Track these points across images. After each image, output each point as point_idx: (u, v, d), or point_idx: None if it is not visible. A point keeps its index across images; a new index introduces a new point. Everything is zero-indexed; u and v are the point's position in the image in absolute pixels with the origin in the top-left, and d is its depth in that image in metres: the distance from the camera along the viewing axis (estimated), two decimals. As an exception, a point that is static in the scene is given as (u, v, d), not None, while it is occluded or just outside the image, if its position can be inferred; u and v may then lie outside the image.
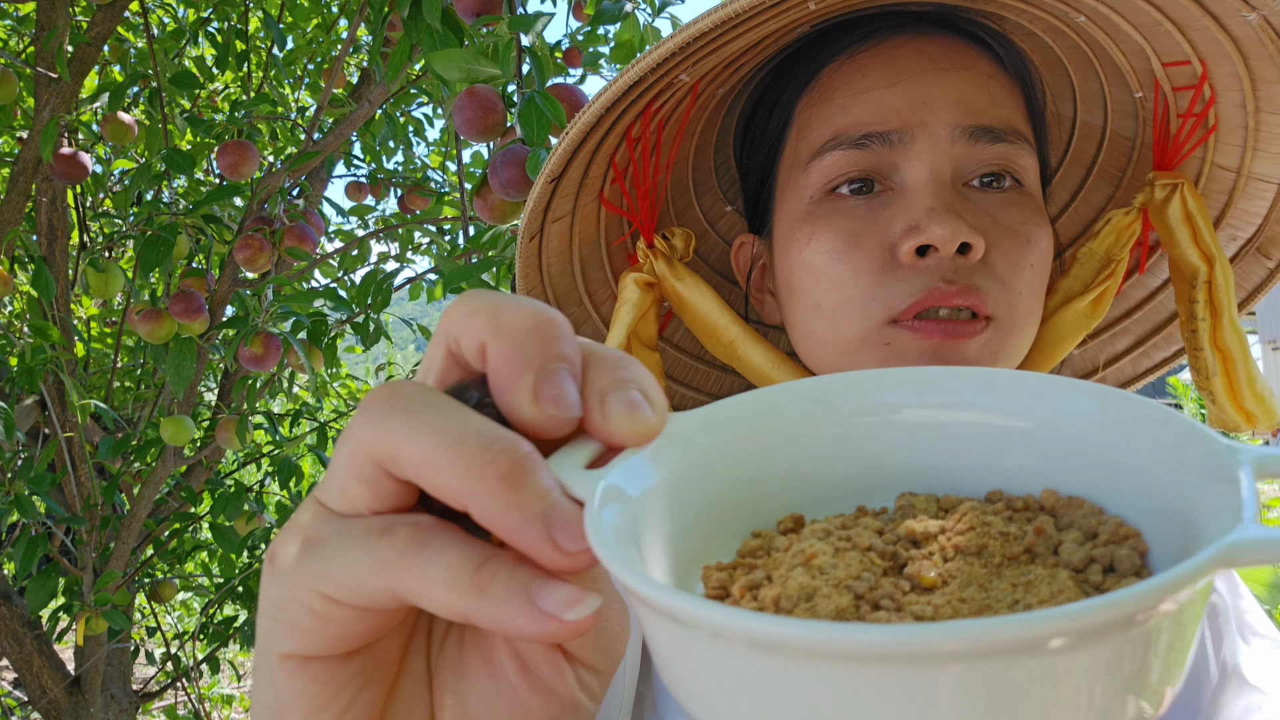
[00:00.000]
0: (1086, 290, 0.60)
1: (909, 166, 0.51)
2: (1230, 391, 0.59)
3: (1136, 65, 0.58)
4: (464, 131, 0.87)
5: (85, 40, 1.45)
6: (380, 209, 2.43)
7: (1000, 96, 0.53)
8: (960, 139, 0.51)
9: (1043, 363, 0.59)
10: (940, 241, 0.48)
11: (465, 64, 0.85)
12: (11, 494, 1.53)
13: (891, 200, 0.51)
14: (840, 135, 0.52)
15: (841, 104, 0.53)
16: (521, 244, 0.59)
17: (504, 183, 0.84)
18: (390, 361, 2.66)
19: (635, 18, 1.23)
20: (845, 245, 0.51)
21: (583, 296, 0.67)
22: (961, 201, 0.50)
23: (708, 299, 0.61)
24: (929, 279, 0.49)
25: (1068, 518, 0.25)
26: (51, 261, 1.67)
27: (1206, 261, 0.58)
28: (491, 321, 0.24)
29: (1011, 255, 0.51)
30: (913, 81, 0.51)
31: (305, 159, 1.49)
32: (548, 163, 0.53)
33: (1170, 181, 0.59)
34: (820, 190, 0.53)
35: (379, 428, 0.23)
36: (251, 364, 1.39)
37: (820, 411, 0.28)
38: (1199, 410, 4.88)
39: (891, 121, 0.51)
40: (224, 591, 2.09)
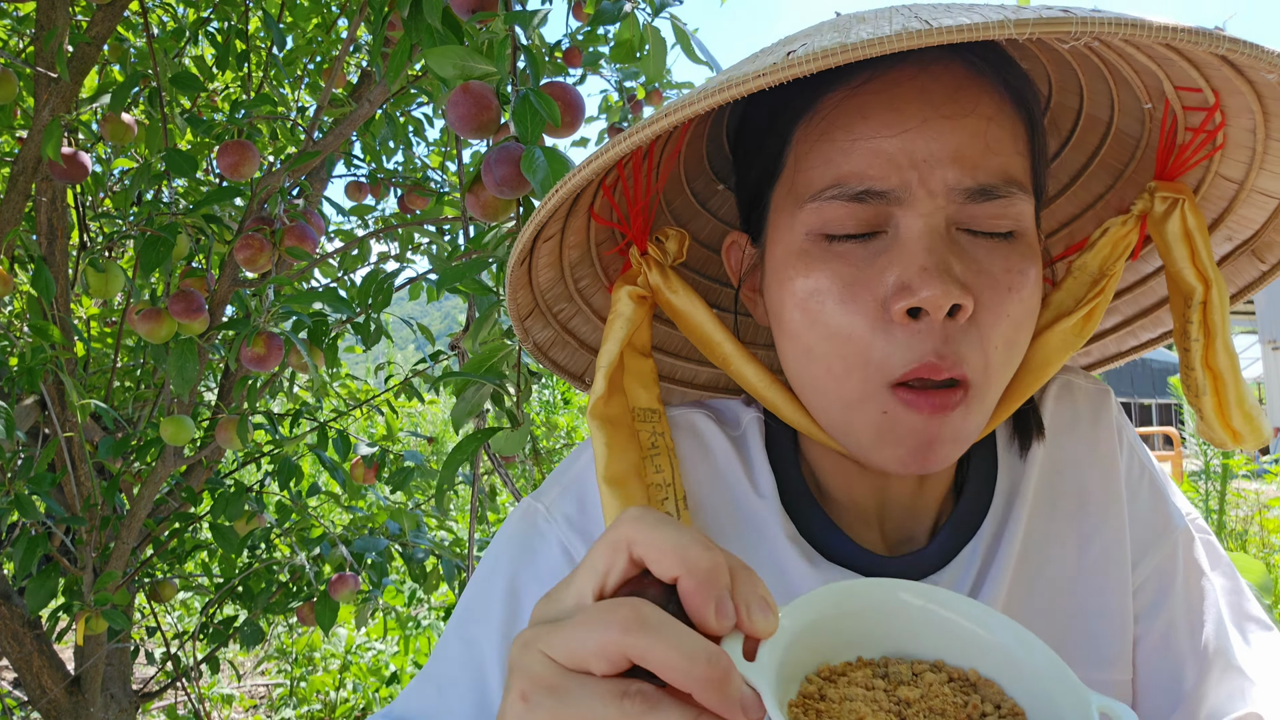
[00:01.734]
0: (1077, 307, 0.60)
1: (905, 218, 0.52)
2: (1219, 411, 0.59)
3: (1148, 82, 0.57)
4: (457, 128, 0.87)
5: (85, 40, 1.45)
6: (380, 209, 2.43)
7: (998, 142, 0.53)
8: (956, 199, 0.52)
9: (1029, 384, 0.59)
10: (931, 305, 0.49)
11: (460, 61, 0.85)
12: (11, 494, 1.53)
13: (886, 247, 0.52)
14: (840, 184, 0.53)
15: (842, 147, 0.53)
16: (510, 271, 0.59)
17: (498, 180, 0.84)
18: (390, 361, 2.66)
19: (635, 17, 1.23)
20: (840, 294, 0.52)
21: (573, 294, 0.67)
22: (952, 250, 0.51)
23: (701, 313, 0.61)
24: (922, 348, 0.50)
25: (983, 692, 0.41)
26: (51, 261, 1.67)
27: (1203, 283, 0.58)
28: (682, 561, 0.35)
29: (992, 308, 0.52)
30: (912, 134, 0.51)
31: (305, 159, 1.49)
32: (535, 217, 0.53)
33: (1172, 195, 0.58)
34: (816, 231, 0.54)
35: (632, 638, 0.33)
36: (253, 364, 1.39)
37: (858, 604, 0.42)
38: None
39: (891, 179, 0.51)
40: (224, 591, 2.09)
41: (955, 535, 0.62)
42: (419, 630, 3.34)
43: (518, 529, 0.64)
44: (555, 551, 0.61)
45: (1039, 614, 0.62)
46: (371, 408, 2.28)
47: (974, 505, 0.63)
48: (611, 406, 0.60)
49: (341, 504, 2.09)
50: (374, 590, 1.95)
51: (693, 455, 0.64)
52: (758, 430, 0.65)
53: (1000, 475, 0.65)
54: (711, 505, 0.62)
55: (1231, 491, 4.68)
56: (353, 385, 2.51)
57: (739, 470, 0.63)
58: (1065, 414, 0.68)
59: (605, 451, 0.58)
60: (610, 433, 0.59)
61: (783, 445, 0.65)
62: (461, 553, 2.03)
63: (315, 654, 3.37)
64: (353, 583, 1.81)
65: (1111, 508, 0.65)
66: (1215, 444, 0.60)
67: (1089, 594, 0.63)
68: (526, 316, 0.66)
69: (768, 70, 0.41)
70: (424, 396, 2.22)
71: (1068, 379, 0.70)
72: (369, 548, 1.89)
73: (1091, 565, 0.64)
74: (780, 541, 0.60)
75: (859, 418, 0.54)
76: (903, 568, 0.61)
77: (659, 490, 0.59)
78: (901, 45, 0.39)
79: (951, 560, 0.61)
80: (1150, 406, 22.98)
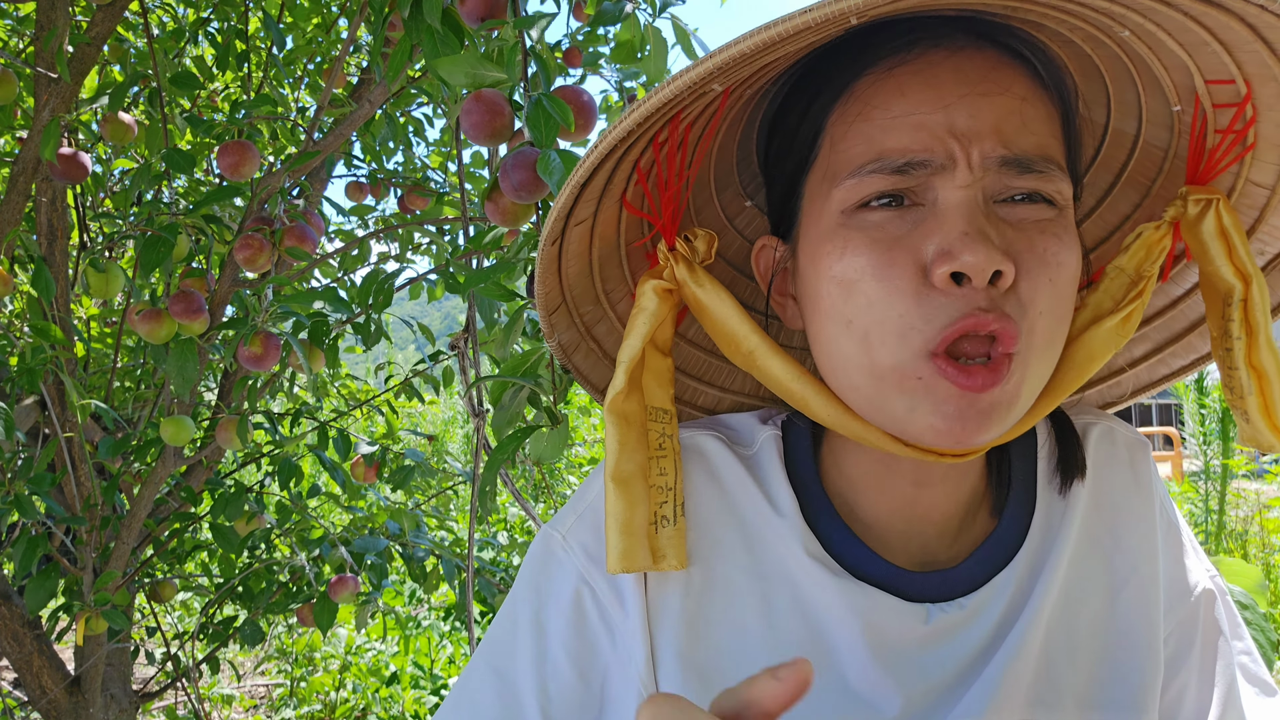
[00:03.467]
0: (1117, 308, 0.59)
1: (944, 188, 0.51)
2: (1265, 411, 0.58)
3: (1177, 80, 0.56)
4: (472, 136, 0.86)
5: (85, 40, 1.45)
6: (380, 209, 2.43)
7: (1034, 121, 0.53)
8: (993, 168, 0.51)
9: (1073, 380, 0.58)
10: (973, 270, 0.49)
11: (470, 69, 0.85)
12: (11, 494, 1.53)
13: (924, 217, 0.52)
14: (882, 158, 0.52)
15: (882, 124, 0.53)
16: (543, 249, 0.58)
17: (515, 185, 0.84)
18: (390, 361, 2.66)
19: (636, 18, 1.23)
20: (879, 261, 0.52)
21: (600, 295, 0.67)
22: (992, 222, 0.51)
23: (728, 307, 0.60)
24: (965, 305, 0.50)
25: None
26: (51, 261, 1.67)
27: (1242, 279, 0.57)
28: None
29: (1035, 277, 0.51)
30: (951, 108, 0.51)
31: (305, 159, 1.49)
32: (576, 170, 0.52)
33: (1205, 197, 0.58)
34: (852, 204, 0.53)
35: None
36: (251, 364, 1.38)
37: None
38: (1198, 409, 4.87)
39: (935, 150, 0.51)
40: (224, 591, 2.09)
41: (989, 561, 0.61)
42: (419, 631, 3.34)
43: (538, 559, 0.63)
44: (574, 581, 0.61)
45: (1077, 653, 0.61)
46: (371, 408, 2.28)
47: (1011, 534, 0.62)
48: (629, 403, 0.59)
49: (341, 504, 2.09)
50: (374, 591, 1.95)
51: (698, 479, 0.63)
52: (774, 448, 0.64)
53: (1039, 508, 0.64)
54: (719, 529, 0.61)
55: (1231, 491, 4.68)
56: (353, 385, 2.51)
57: (754, 491, 0.62)
58: (1105, 456, 0.67)
59: (617, 449, 0.58)
60: (624, 430, 0.58)
61: (803, 461, 0.64)
62: (461, 553, 2.03)
63: (315, 654, 3.37)
64: (352, 584, 1.81)
65: (1145, 556, 0.65)
66: (1262, 448, 0.59)
67: (1122, 637, 0.62)
68: (553, 311, 0.65)
69: (816, 5, 0.41)
70: (424, 397, 2.22)
71: (1109, 425, 0.69)
72: (369, 548, 1.89)
73: (1125, 610, 0.63)
74: (800, 558, 0.59)
75: (891, 388, 0.52)
76: (930, 586, 0.60)
77: (659, 494, 0.58)
78: None
79: (982, 586, 0.60)
80: (1150, 406, 22.97)
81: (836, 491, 0.63)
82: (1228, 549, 4.43)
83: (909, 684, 0.57)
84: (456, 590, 2.05)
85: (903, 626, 0.58)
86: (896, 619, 0.58)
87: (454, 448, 6.58)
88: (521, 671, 0.59)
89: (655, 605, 0.59)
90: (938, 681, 0.58)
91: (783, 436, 0.65)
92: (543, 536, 0.64)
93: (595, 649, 0.59)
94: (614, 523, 0.56)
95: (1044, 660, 0.60)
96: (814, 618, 0.59)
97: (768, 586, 0.60)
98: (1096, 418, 0.70)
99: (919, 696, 0.57)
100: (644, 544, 0.56)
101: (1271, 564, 4.16)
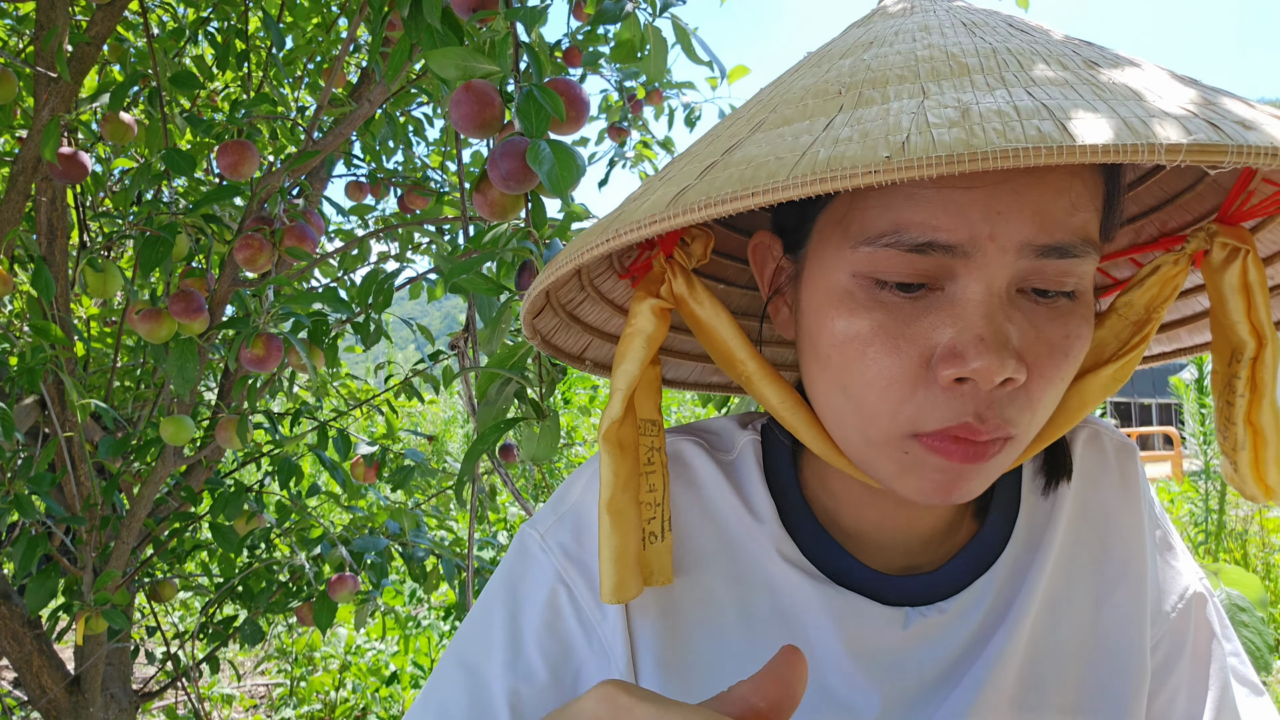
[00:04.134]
0: (1117, 355, 0.58)
1: (966, 276, 0.47)
2: (1255, 466, 0.57)
3: None
4: (461, 127, 0.86)
5: (85, 40, 1.45)
6: (380, 209, 2.43)
7: (1081, 199, 0.48)
8: (1027, 254, 0.46)
9: (1062, 425, 0.57)
10: (982, 378, 0.46)
11: (462, 61, 0.85)
12: (11, 494, 1.53)
13: (938, 304, 0.48)
14: (899, 231, 0.47)
15: (909, 191, 0.47)
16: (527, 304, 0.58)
17: (504, 175, 0.83)
18: (390, 361, 2.66)
19: (636, 17, 1.23)
20: (883, 345, 0.49)
21: (585, 284, 0.66)
22: (1011, 316, 0.47)
23: (726, 328, 0.57)
24: (961, 408, 0.47)
25: None
26: (51, 261, 1.67)
27: (1256, 339, 0.55)
28: None
29: (1047, 376, 0.49)
30: (993, 189, 0.45)
31: (305, 159, 1.49)
32: (540, 281, 0.52)
33: (1233, 244, 0.55)
34: (864, 274, 0.49)
35: None
36: (253, 365, 1.38)
37: None
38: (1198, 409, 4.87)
39: (960, 232, 0.46)
40: (224, 591, 2.09)
41: (970, 565, 0.61)
42: (419, 630, 3.35)
43: (516, 558, 0.63)
44: (552, 580, 0.60)
45: (1062, 658, 0.61)
46: (371, 408, 2.28)
47: (993, 537, 0.62)
48: (624, 429, 0.57)
49: (341, 504, 2.09)
50: (373, 590, 1.95)
51: (677, 487, 0.62)
52: (753, 453, 0.64)
53: (1022, 512, 0.64)
54: (698, 537, 0.61)
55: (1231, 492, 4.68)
56: (353, 385, 2.51)
57: (731, 497, 0.62)
58: (1093, 460, 0.67)
59: (613, 480, 0.56)
60: (619, 459, 0.56)
61: (781, 467, 0.63)
62: (461, 552, 2.03)
63: (315, 654, 3.37)
64: (352, 583, 1.81)
65: (1134, 560, 0.64)
66: (1245, 495, 0.58)
67: (1107, 642, 0.62)
68: (536, 315, 0.64)
69: (880, 167, 0.34)
70: (424, 396, 2.22)
71: (1095, 429, 0.69)
72: (368, 547, 1.89)
73: (1112, 615, 0.63)
74: (778, 564, 0.59)
75: (881, 455, 0.52)
76: (910, 589, 0.59)
77: (648, 510, 0.58)
78: (1055, 159, 0.33)
79: (963, 589, 0.60)
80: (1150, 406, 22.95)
81: (815, 498, 0.63)
82: (1228, 549, 4.42)
83: (888, 687, 0.57)
84: (456, 590, 2.05)
85: (881, 630, 0.58)
86: (874, 623, 0.58)
87: (454, 447, 6.58)
88: (494, 673, 0.59)
89: (634, 609, 0.59)
90: (917, 684, 0.58)
91: (762, 441, 0.65)
92: (521, 536, 0.63)
93: (570, 649, 0.59)
94: (608, 553, 0.55)
95: (1028, 664, 0.60)
96: (793, 623, 0.59)
97: (747, 592, 0.59)
98: (1084, 422, 0.69)
99: (898, 699, 0.57)
100: (634, 571, 0.56)
101: (1271, 564, 4.16)
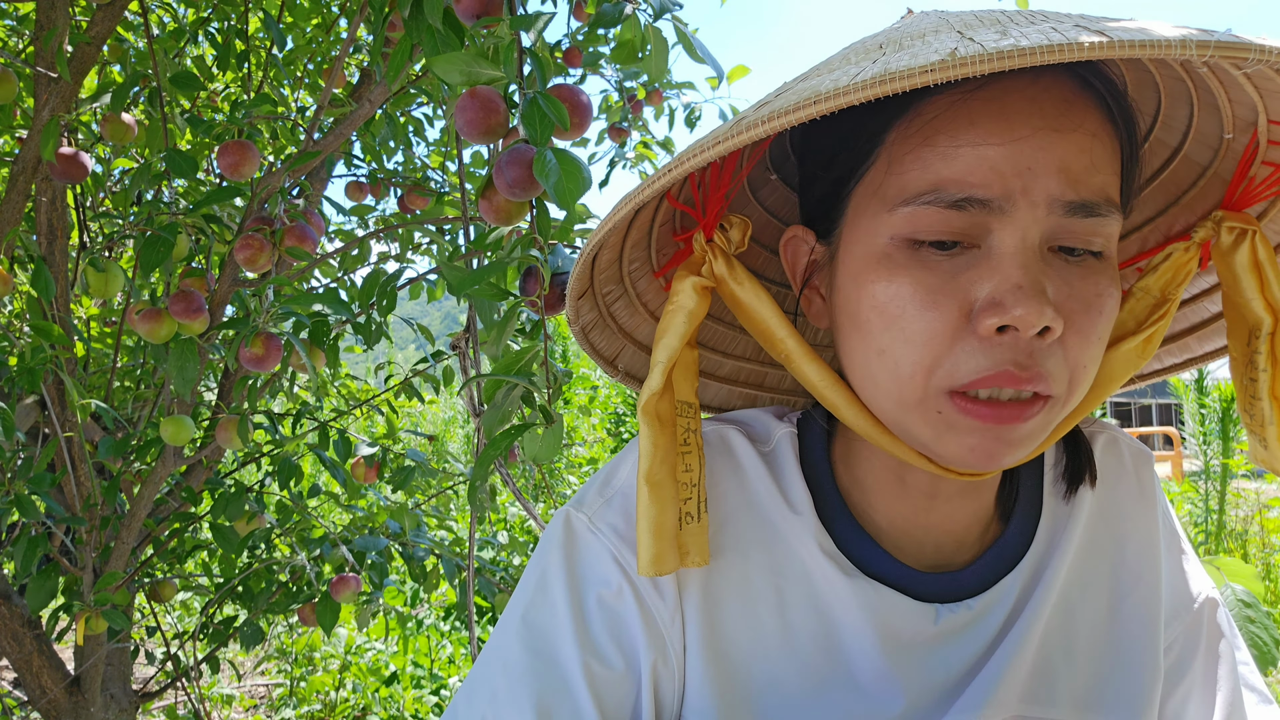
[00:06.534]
0: (1139, 329, 0.59)
1: (1001, 230, 0.49)
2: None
3: (1239, 113, 0.55)
4: (466, 133, 0.86)
5: (85, 40, 1.45)
6: (380, 209, 2.43)
7: (1101, 160, 0.51)
8: (1056, 210, 0.49)
9: (1092, 401, 0.58)
10: (1022, 324, 0.47)
11: (466, 66, 0.85)
12: (11, 494, 1.53)
13: (976, 260, 0.50)
14: (939, 189, 0.50)
15: (944, 152, 0.50)
16: (587, 254, 0.57)
17: (510, 182, 0.83)
18: (390, 361, 2.66)
19: (636, 18, 1.23)
20: (923, 300, 0.50)
21: (624, 276, 0.66)
22: (1045, 271, 0.49)
23: (767, 307, 0.59)
24: (1001, 357, 0.48)
25: None
26: (51, 261, 1.67)
27: (1272, 314, 0.57)
28: None
29: (1083, 332, 0.50)
30: (1021, 143, 0.49)
31: (305, 159, 1.49)
32: (624, 205, 0.51)
33: (1241, 226, 0.57)
34: (902, 236, 0.52)
35: None
36: (252, 365, 1.38)
37: None
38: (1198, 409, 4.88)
39: (994, 187, 0.49)
40: (224, 591, 2.09)
41: (996, 564, 0.62)
42: (419, 631, 3.34)
43: (563, 539, 0.62)
44: (609, 561, 0.60)
45: (1075, 655, 0.62)
46: (371, 408, 2.28)
47: (1018, 538, 0.63)
48: (663, 403, 0.58)
49: (341, 504, 2.09)
50: (375, 590, 1.95)
51: (724, 471, 0.63)
52: (790, 445, 0.64)
53: (1044, 514, 0.65)
54: (740, 523, 0.62)
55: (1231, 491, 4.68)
56: (353, 385, 2.51)
57: (771, 487, 0.62)
58: (1112, 465, 0.68)
59: (652, 451, 0.57)
60: (658, 432, 0.57)
61: (818, 460, 0.64)
62: (462, 552, 2.03)
63: (315, 654, 3.37)
64: (354, 583, 1.81)
65: (1148, 564, 0.66)
66: (1271, 469, 0.60)
67: (1121, 643, 0.63)
68: (580, 296, 0.63)
69: (935, 66, 0.38)
70: (424, 396, 2.22)
71: (1113, 435, 0.70)
72: (369, 547, 1.89)
73: (1126, 616, 0.64)
74: (815, 556, 0.60)
75: (916, 418, 0.52)
76: (939, 587, 0.60)
77: (685, 490, 0.58)
78: (1080, 55, 0.37)
79: (990, 588, 0.61)
80: (1150, 406, 22.97)
81: (848, 492, 0.64)
82: (1228, 549, 4.43)
83: (915, 682, 0.58)
84: (456, 590, 2.05)
85: (913, 625, 0.59)
86: (907, 618, 0.59)
87: (454, 447, 6.58)
88: (564, 648, 0.57)
89: (684, 592, 0.60)
90: (942, 680, 0.59)
91: (798, 434, 0.66)
92: (565, 519, 0.62)
93: (633, 634, 0.59)
94: (646, 525, 0.56)
95: (1041, 659, 0.60)
96: (827, 614, 0.60)
97: (783, 582, 0.60)
98: (1101, 427, 0.70)
99: (923, 695, 0.58)
100: (673, 545, 0.56)
101: (1271, 564, 4.16)
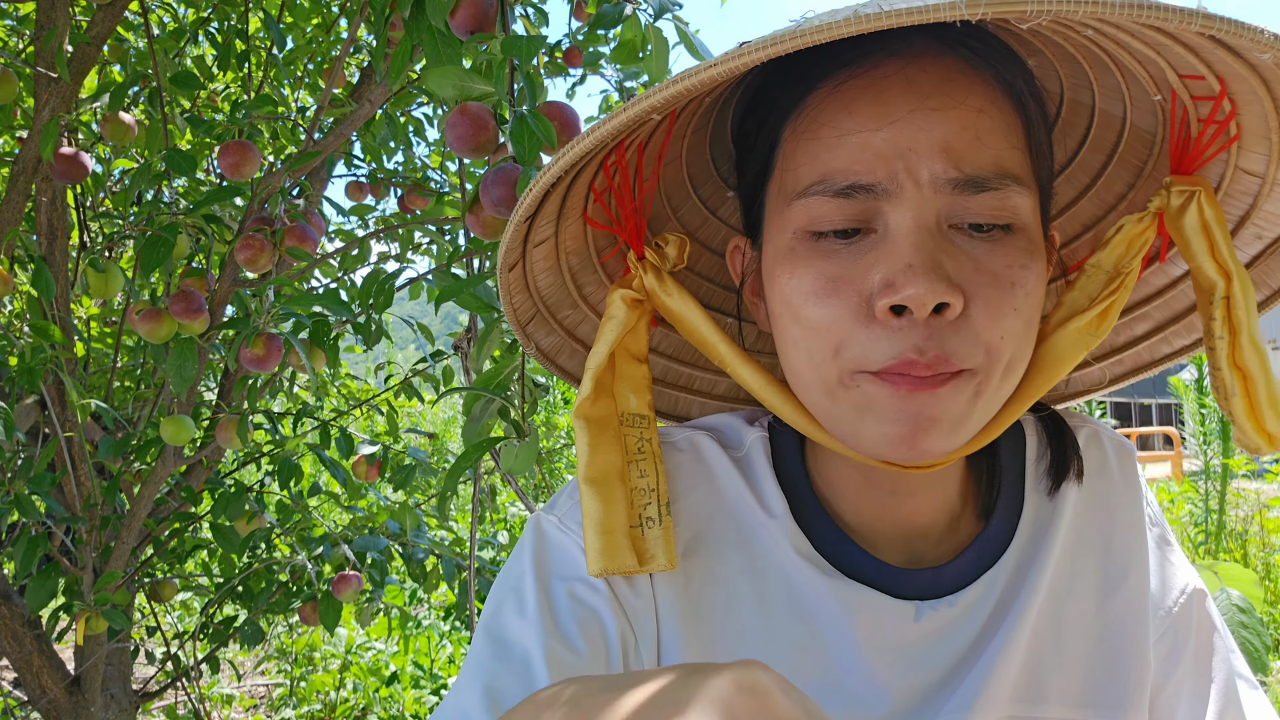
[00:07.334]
0: (1090, 305, 0.58)
1: (894, 213, 0.50)
2: (1251, 413, 0.56)
3: (1152, 72, 0.55)
4: (456, 148, 0.87)
5: (85, 40, 1.45)
6: (380, 209, 2.43)
7: (990, 134, 0.51)
8: (944, 189, 0.50)
9: (1040, 384, 0.58)
10: (914, 303, 0.48)
11: (459, 81, 0.86)
12: (11, 494, 1.53)
13: (874, 245, 0.51)
14: (825, 180, 0.51)
15: (828, 143, 0.52)
16: (501, 275, 0.59)
17: (494, 200, 0.85)
18: (390, 361, 2.66)
19: (637, 18, 1.23)
20: (824, 290, 0.51)
21: (577, 300, 0.67)
22: (945, 248, 0.50)
23: (696, 316, 0.61)
24: (902, 344, 0.49)
25: None
26: (51, 261, 1.67)
27: (1224, 276, 0.56)
28: None
29: (993, 305, 0.50)
30: (898, 125, 0.50)
31: (305, 159, 1.49)
32: (516, 211, 0.53)
33: (1188, 189, 0.56)
34: (803, 229, 0.53)
35: None
36: (253, 365, 1.38)
37: None
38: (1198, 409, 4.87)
39: (877, 172, 0.50)
40: (224, 591, 2.09)
41: (977, 561, 0.62)
42: (419, 630, 3.35)
43: (534, 541, 0.62)
44: (577, 554, 0.60)
45: (1065, 652, 0.61)
46: (371, 408, 2.28)
47: (1000, 534, 0.63)
48: (597, 408, 0.60)
49: (341, 503, 2.09)
50: (376, 590, 1.95)
51: (697, 477, 0.63)
52: (762, 449, 0.65)
53: (1026, 510, 0.64)
54: (716, 528, 0.62)
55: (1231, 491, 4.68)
56: (353, 385, 2.51)
57: (745, 491, 0.63)
58: (1095, 460, 0.68)
59: (587, 452, 0.58)
60: (594, 433, 0.59)
61: (791, 462, 0.64)
62: (462, 552, 2.03)
63: (315, 654, 3.37)
64: (355, 582, 1.81)
65: (1135, 558, 0.65)
66: (1249, 449, 0.57)
67: (1110, 638, 0.63)
68: (528, 322, 0.65)
69: (723, 59, 0.41)
70: (424, 397, 2.22)
71: (1095, 429, 0.69)
72: (369, 547, 1.89)
73: (1115, 611, 0.64)
74: (792, 558, 0.60)
75: (838, 402, 0.53)
76: (919, 584, 0.60)
77: (642, 495, 0.59)
78: (848, 30, 0.38)
79: (970, 584, 0.61)
80: (1150, 406, 22.98)
81: (821, 493, 0.64)
82: (1228, 549, 4.43)
83: (900, 680, 0.58)
84: (456, 590, 2.05)
85: (894, 623, 0.59)
86: (888, 616, 0.59)
87: (454, 447, 6.58)
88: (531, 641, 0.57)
89: (660, 591, 0.60)
90: (927, 678, 0.59)
91: (770, 438, 0.66)
92: (536, 523, 0.63)
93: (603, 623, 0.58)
94: (590, 524, 0.56)
95: (1031, 657, 0.60)
96: (808, 615, 0.59)
97: (763, 584, 0.60)
98: (1082, 422, 0.70)
99: (910, 694, 0.58)
100: (626, 545, 0.56)
101: (1271, 564, 4.16)
